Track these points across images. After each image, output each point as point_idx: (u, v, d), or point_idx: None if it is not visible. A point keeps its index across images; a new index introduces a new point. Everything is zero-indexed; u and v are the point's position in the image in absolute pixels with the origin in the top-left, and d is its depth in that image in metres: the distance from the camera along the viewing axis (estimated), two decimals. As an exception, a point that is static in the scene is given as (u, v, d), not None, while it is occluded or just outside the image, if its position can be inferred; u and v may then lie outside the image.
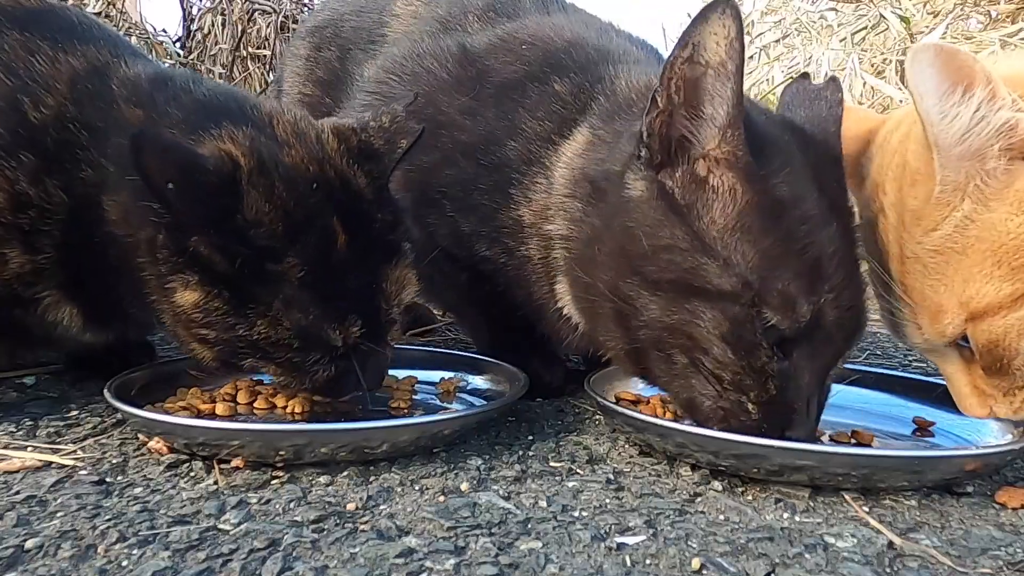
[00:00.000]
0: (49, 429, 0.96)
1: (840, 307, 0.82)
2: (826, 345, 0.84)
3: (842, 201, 0.90)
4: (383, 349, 0.95)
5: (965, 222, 0.83)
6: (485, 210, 1.10)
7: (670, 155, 0.85)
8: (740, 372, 0.82)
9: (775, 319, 0.80)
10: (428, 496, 0.79)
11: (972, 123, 0.80)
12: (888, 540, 0.72)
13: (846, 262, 0.84)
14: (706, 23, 0.78)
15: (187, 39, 3.85)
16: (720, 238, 0.82)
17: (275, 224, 0.84)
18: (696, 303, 0.82)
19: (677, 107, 0.83)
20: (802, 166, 0.86)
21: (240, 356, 0.90)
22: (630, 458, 0.93)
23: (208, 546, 0.66)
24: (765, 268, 0.80)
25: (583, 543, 0.69)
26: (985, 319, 0.83)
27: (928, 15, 2.74)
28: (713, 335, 0.82)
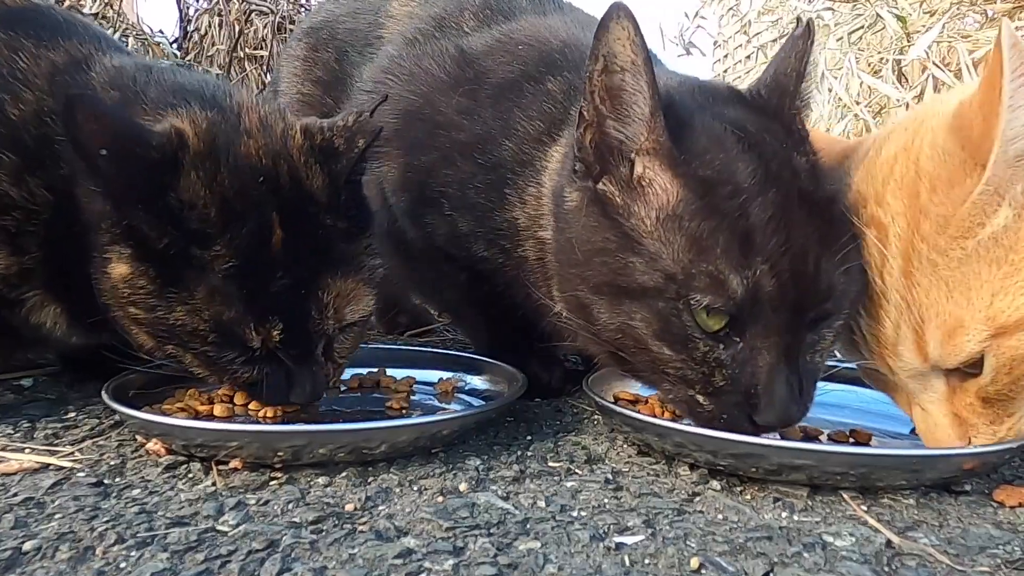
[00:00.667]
0: (47, 431, 0.96)
1: (780, 275, 0.79)
2: (777, 317, 0.80)
3: (791, 162, 0.87)
4: (309, 362, 0.91)
5: (1001, 231, 0.78)
6: (482, 209, 1.10)
7: (606, 162, 0.87)
8: (681, 366, 0.83)
9: (706, 300, 0.79)
10: (427, 497, 0.79)
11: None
12: (886, 539, 0.72)
13: (790, 226, 0.81)
14: (608, 32, 0.82)
15: (184, 40, 3.84)
16: (651, 232, 0.83)
17: (209, 209, 0.83)
18: (628, 303, 0.84)
19: (604, 117, 0.86)
20: (733, 140, 0.85)
21: (162, 340, 0.88)
22: (628, 458, 0.93)
23: (207, 547, 0.66)
24: (691, 254, 0.80)
25: (582, 543, 0.69)
26: (1014, 334, 0.78)
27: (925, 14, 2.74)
28: (647, 334, 0.83)
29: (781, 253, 0.80)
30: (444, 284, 1.29)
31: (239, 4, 3.73)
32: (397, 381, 1.18)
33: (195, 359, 0.89)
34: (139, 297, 0.85)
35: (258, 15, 3.78)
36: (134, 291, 0.86)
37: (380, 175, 1.24)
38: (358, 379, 1.18)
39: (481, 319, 1.31)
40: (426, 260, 1.27)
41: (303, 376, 0.92)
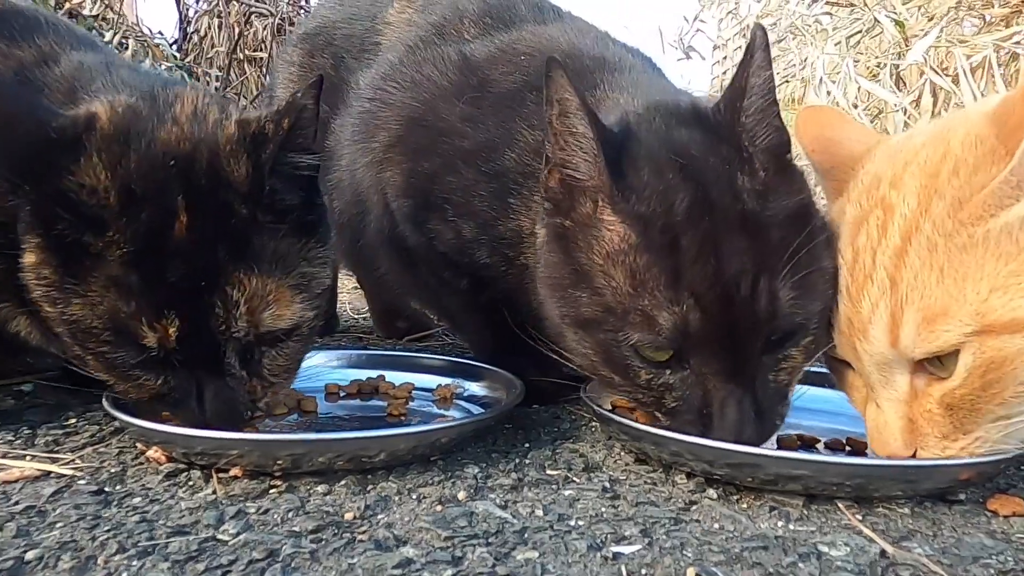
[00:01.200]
0: (47, 437, 0.97)
1: (707, 306, 0.81)
2: (719, 345, 0.82)
3: (734, 184, 0.86)
4: (217, 372, 0.85)
5: (1017, 226, 0.76)
6: (485, 217, 1.11)
7: (573, 200, 0.90)
8: (631, 389, 0.88)
9: (636, 337, 0.83)
10: (425, 505, 0.80)
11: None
12: (881, 549, 0.72)
13: (715, 257, 0.81)
14: (553, 80, 0.86)
15: (183, 41, 3.85)
16: (599, 268, 0.86)
17: (108, 193, 0.79)
18: (581, 332, 0.89)
19: (564, 157, 0.89)
20: (673, 169, 0.86)
21: (71, 341, 0.84)
22: (626, 466, 0.93)
23: (207, 557, 0.67)
24: (627, 289, 0.84)
25: (579, 553, 0.70)
26: (1000, 335, 0.75)
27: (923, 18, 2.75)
28: (597, 361, 0.89)
29: (709, 284, 0.82)
30: (445, 290, 1.29)
31: (239, 6, 3.73)
32: (396, 387, 1.18)
33: (96, 361, 0.84)
34: (44, 289, 0.82)
35: (258, 17, 3.79)
36: (40, 282, 0.82)
37: (383, 180, 1.24)
38: (357, 385, 1.19)
39: (481, 326, 1.31)
40: (427, 266, 1.28)
41: (211, 389, 0.85)
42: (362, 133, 1.26)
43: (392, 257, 1.34)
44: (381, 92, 1.27)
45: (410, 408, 1.12)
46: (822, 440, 1.02)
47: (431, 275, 1.29)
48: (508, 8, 1.32)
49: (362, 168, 1.27)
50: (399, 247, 1.29)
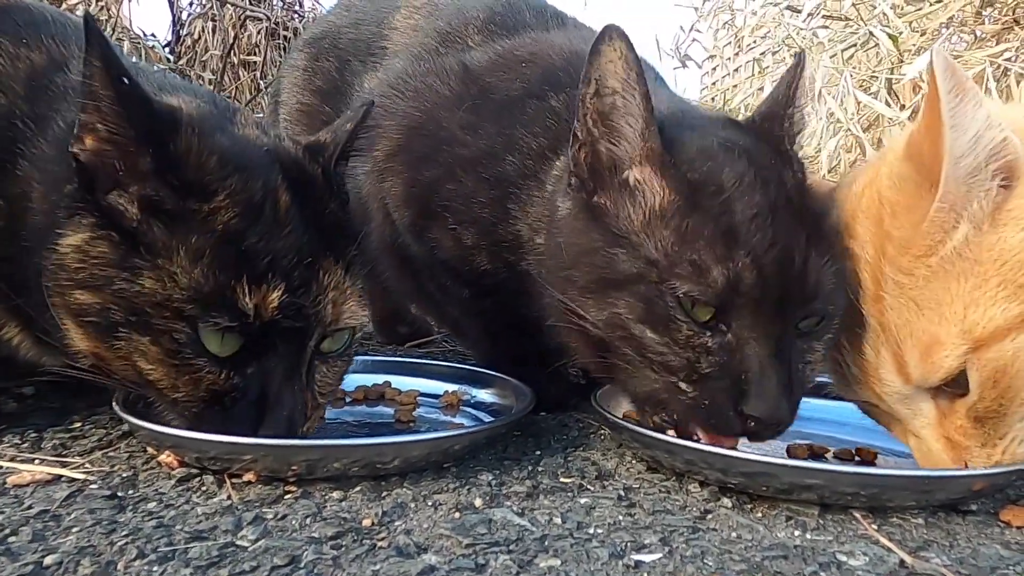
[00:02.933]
0: (55, 441, 0.96)
1: (763, 268, 0.81)
2: (764, 309, 0.82)
3: (777, 173, 0.90)
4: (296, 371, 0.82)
5: (962, 245, 0.81)
6: (485, 223, 1.11)
7: (600, 177, 0.91)
8: (665, 350, 0.84)
9: (685, 288, 0.82)
10: (443, 512, 0.79)
11: (978, 134, 0.80)
12: (899, 559, 0.73)
13: (771, 226, 0.84)
14: (600, 56, 0.86)
15: (176, 44, 3.83)
16: (637, 229, 0.86)
17: (209, 160, 0.80)
18: (614, 293, 0.86)
19: (597, 138, 0.90)
20: (724, 149, 0.89)
21: (109, 332, 0.79)
22: (639, 474, 0.93)
23: (229, 563, 0.66)
24: (674, 243, 0.84)
25: (601, 561, 0.70)
26: (992, 345, 0.79)
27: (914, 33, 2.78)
28: (631, 319, 0.85)
29: (765, 248, 0.83)
30: (447, 298, 1.29)
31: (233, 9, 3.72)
32: (402, 393, 1.18)
33: (152, 346, 0.78)
34: (93, 271, 0.78)
35: (252, 21, 3.78)
36: (86, 263, 0.78)
37: (383, 190, 1.24)
38: (363, 390, 1.18)
39: (484, 333, 1.31)
40: (428, 274, 1.27)
41: (284, 393, 0.81)
42: (363, 141, 1.25)
43: (394, 265, 1.34)
44: (385, 99, 1.27)
45: (417, 415, 1.12)
46: (831, 450, 1.03)
47: (433, 283, 1.29)
48: (513, 15, 1.32)
49: (362, 176, 1.27)
50: (401, 255, 1.29)
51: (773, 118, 0.97)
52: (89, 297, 0.78)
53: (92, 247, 0.79)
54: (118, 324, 0.78)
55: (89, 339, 0.81)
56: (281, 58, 3.66)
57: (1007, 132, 0.81)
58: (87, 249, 0.79)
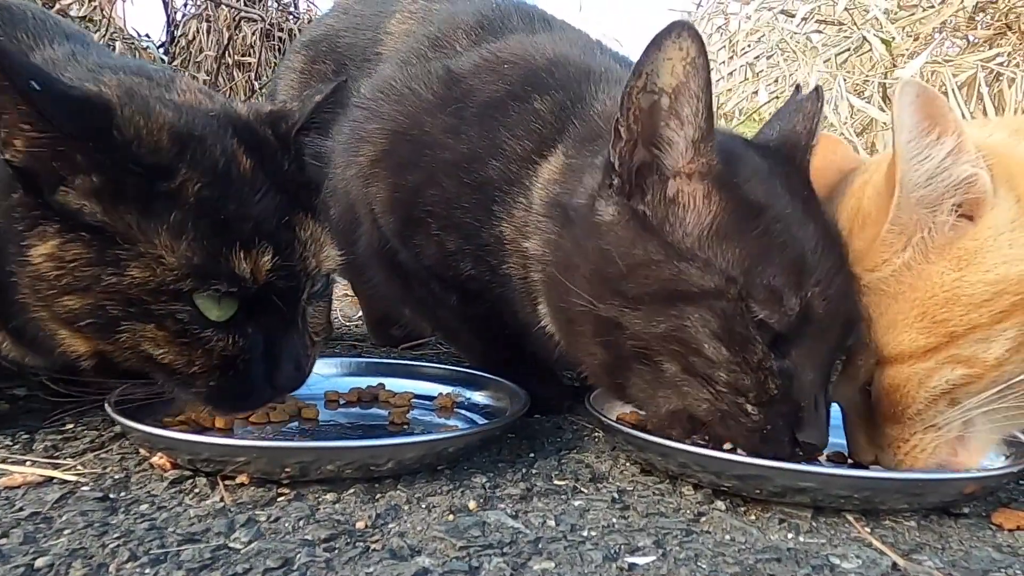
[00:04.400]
0: (46, 443, 0.95)
1: (828, 299, 0.82)
2: (823, 340, 0.83)
3: (815, 205, 0.92)
4: (295, 320, 0.85)
5: (903, 269, 0.85)
6: (469, 228, 1.10)
7: (638, 182, 0.88)
8: (736, 369, 0.82)
9: (763, 313, 0.80)
10: (436, 514, 0.79)
11: (940, 168, 0.82)
12: (892, 561, 0.73)
13: (829, 256, 0.85)
14: (660, 51, 0.81)
15: (171, 45, 3.82)
16: (698, 244, 0.84)
17: (159, 137, 0.78)
18: (682, 306, 0.82)
19: (641, 135, 0.86)
20: (771, 174, 0.89)
21: (113, 326, 0.78)
22: (632, 476, 0.93)
23: (221, 565, 0.66)
24: (748, 265, 0.82)
25: (595, 563, 0.70)
26: (893, 365, 0.85)
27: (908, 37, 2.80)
28: (703, 333, 0.82)
29: (831, 278, 0.83)
30: (436, 303, 1.29)
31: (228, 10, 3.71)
32: (396, 395, 1.17)
33: (159, 331, 0.78)
34: (73, 274, 0.76)
35: (247, 22, 3.77)
36: (64, 268, 0.77)
37: (369, 196, 1.24)
38: (357, 392, 1.18)
39: (475, 338, 1.31)
40: (418, 280, 1.27)
41: (290, 346, 0.84)
42: (351, 145, 1.25)
43: (383, 269, 1.33)
44: (372, 102, 1.27)
45: (411, 417, 1.12)
46: (824, 453, 1.03)
47: (421, 288, 1.28)
48: (501, 19, 1.32)
49: (350, 180, 1.26)
50: (390, 260, 1.28)
51: (795, 148, 0.96)
52: (78, 301, 0.77)
53: (65, 252, 0.77)
54: (118, 319, 0.77)
55: (89, 341, 0.80)
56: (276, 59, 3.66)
57: (978, 170, 0.83)
58: (61, 255, 0.77)
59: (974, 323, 0.81)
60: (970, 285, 0.81)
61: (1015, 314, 0.80)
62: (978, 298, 0.81)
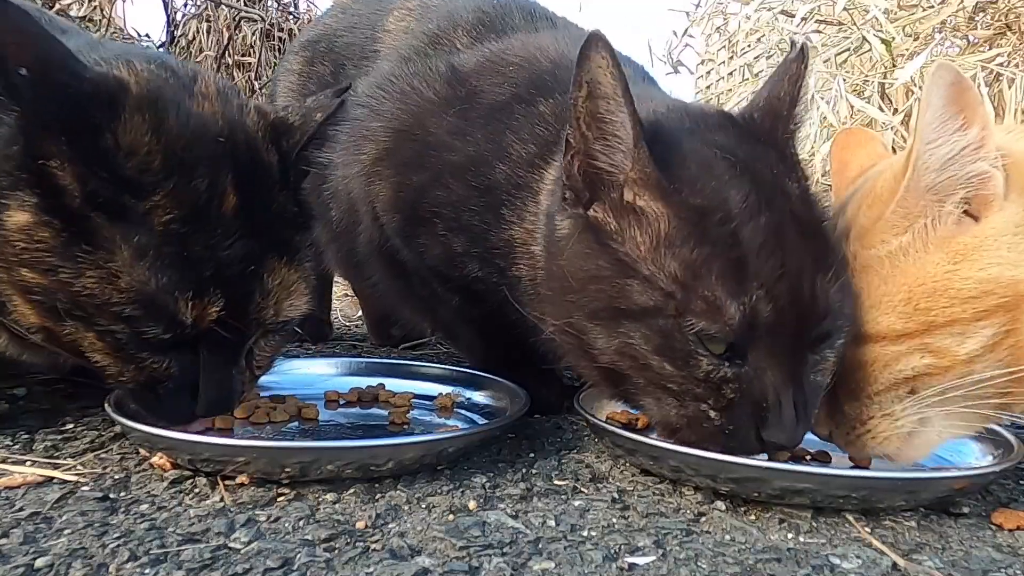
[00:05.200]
0: (46, 443, 0.95)
1: (777, 300, 0.80)
2: (780, 339, 0.81)
3: (783, 187, 0.88)
4: (233, 361, 0.85)
5: (898, 252, 0.86)
6: (476, 230, 1.10)
7: (596, 189, 0.88)
8: (684, 381, 0.83)
9: (702, 325, 0.80)
10: (436, 514, 0.79)
11: (957, 157, 0.82)
12: (892, 561, 0.73)
13: (784, 251, 0.82)
14: (589, 60, 0.82)
15: (171, 45, 3.82)
16: (645, 257, 0.83)
17: (152, 156, 0.77)
18: (627, 324, 0.84)
19: (590, 143, 0.86)
20: (725, 166, 0.86)
21: (55, 315, 0.78)
22: (632, 476, 0.93)
23: (221, 565, 0.66)
24: (686, 277, 0.81)
25: (595, 563, 0.70)
26: (866, 343, 0.86)
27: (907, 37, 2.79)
28: (647, 351, 0.83)
29: (776, 278, 0.81)
30: (437, 303, 1.29)
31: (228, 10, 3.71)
32: (396, 395, 1.17)
33: (98, 341, 0.79)
34: (37, 254, 0.75)
35: (247, 22, 3.77)
36: (30, 246, 0.75)
37: (371, 194, 1.24)
38: (357, 393, 1.18)
39: (476, 337, 1.31)
40: (419, 279, 1.27)
41: (218, 379, 0.83)
42: (353, 143, 1.25)
43: (383, 269, 1.33)
44: (371, 100, 1.27)
45: (411, 417, 1.12)
46: (811, 452, 1.03)
47: (423, 288, 1.28)
48: (502, 17, 1.32)
49: (352, 178, 1.26)
50: (390, 259, 1.28)
51: (776, 118, 0.92)
52: (36, 277, 0.77)
53: (35, 231, 0.76)
54: (65, 312, 0.77)
55: (38, 315, 0.80)
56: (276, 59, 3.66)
57: (994, 169, 0.83)
58: (31, 232, 0.76)
59: (955, 317, 0.82)
60: (960, 280, 0.82)
61: (996, 315, 0.81)
62: (965, 294, 0.82)
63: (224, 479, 0.84)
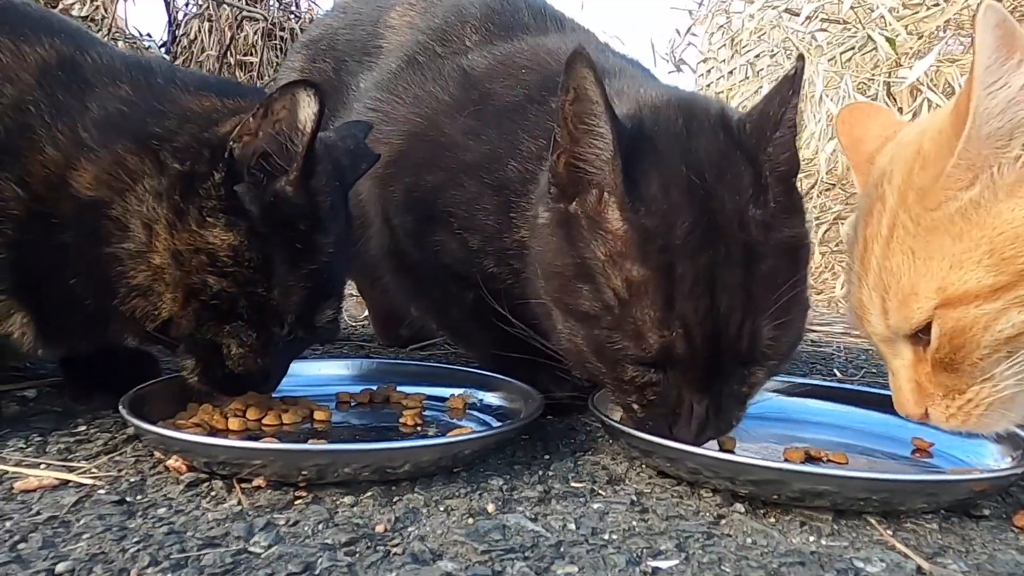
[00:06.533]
0: (59, 445, 0.94)
1: (693, 339, 0.84)
2: (693, 368, 0.86)
3: (743, 216, 0.87)
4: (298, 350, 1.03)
5: (969, 206, 0.82)
6: (490, 230, 1.11)
7: (578, 187, 0.90)
8: (614, 382, 0.91)
9: (624, 345, 0.86)
10: (455, 518, 0.79)
11: (1018, 97, 0.79)
12: (916, 565, 0.72)
13: (710, 292, 0.84)
14: (575, 70, 0.85)
15: (172, 44, 3.81)
16: (600, 264, 0.87)
17: (327, 198, 0.93)
18: (572, 322, 0.91)
19: (574, 143, 0.88)
20: (686, 190, 0.86)
21: (222, 316, 0.89)
22: (649, 479, 0.93)
23: (243, 570, 0.66)
24: (624, 297, 0.86)
25: (618, 567, 0.69)
26: (958, 307, 0.81)
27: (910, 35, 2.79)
28: (587, 351, 0.91)
29: (699, 320, 0.84)
30: (449, 303, 1.29)
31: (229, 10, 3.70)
32: (408, 397, 1.17)
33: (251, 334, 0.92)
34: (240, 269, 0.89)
35: (248, 21, 3.76)
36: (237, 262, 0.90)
37: (384, 195, 1.24)
38: (368, 394, 1.17)
39: (488, 337, 1.30)
40: (431, 279, 1.27)
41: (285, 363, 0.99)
42: None
43: (394, 270, 1.33)
44: (384, 104, 1.27)
45: (424, 418, 1.11)
46: (826, 453, 1.02)
47: (435, 288, 1.28)
48: (511, 14, 1.32)
49: (362, 180, 1.26)
50: (401, 260, 1.28)
51: (760, 136, 0.91)
52: (223, 283, 0.88)
53: (242, 252, 0.89)
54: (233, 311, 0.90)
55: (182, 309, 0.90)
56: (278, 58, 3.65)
57: None
58: (237, 252, 0.88)
59: None
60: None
61: None
62: None
63: (240, 482, 0.84)
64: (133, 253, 0.89)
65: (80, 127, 0.91)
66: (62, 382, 1.19)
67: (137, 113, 0.92)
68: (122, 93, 0.94)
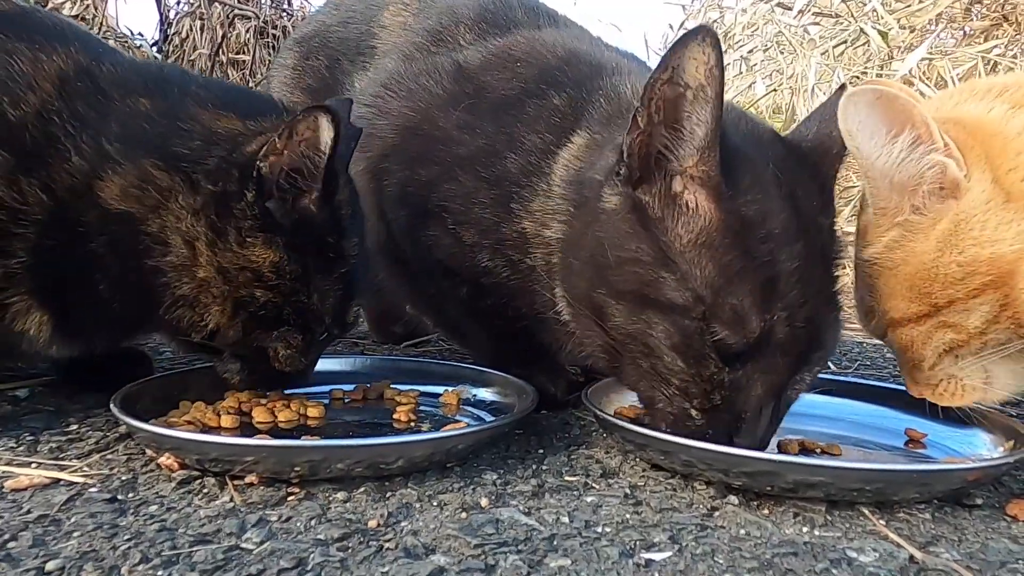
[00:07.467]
0: (51, 444, 0.94)
1: (793, 326, 0.84)
2: (780, 359, 0.85)
3: (817, 219, 0.91)
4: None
5: (892, 246, 0.91)
6: (487, 223, 1.10)
7: (648, 171, 0.88)
8: (688, 380, 0.86)
9: (724, 333, 0.83)
10: (449, 512, 0.78)
11: (902, 160, 0.87)
12: (909, 554, 0.73)
13: (808, 281, 0.85)
14: (686, 48, 0.80)
15: (164, 43, 3.80)
16: (683, 252, 0.85)
17: (348, 208, 0.99)
18: (651, 314, 0.86)
19: (657, 126, 0.85)
20: (775, 184, 0.88)
21: (269, 324, 0.94)
22: (643, 472, 0.93)
23: (235, 567, 0.65)
24: (720, 284, 0.83)
25: (611, 560, 0.69)
26: (899, 327, 0.92)
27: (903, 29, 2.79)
28: (665, 344, 0.85)
29: (799, 305, 0.84)
30: (444, 299, 1.28)
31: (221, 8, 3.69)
32: (402, 393, 1.17)
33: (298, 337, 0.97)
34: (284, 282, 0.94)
35: (240, 19, 3.75)
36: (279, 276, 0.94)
37: (378, 190, 1.23)
38: (362, 391, 1.17)
39: (483, 333, 1.30)
40: (425, 275, 1.26)
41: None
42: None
43: (388, 265, 1.33)
44: (378, 99, 1.26)
45: (419, 414, 1.11)
46: (821, 446, 1.02)
47: (429, 283, 1.28)
48: (504, 12, 1.32)
49: (356, 176, 1.25)
50: (395, 256, 1.28)
51: (825, 154, 0.96)
52: (268, 295, 0.93)
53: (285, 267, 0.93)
54: (279, 318, 0.95)
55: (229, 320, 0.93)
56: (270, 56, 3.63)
57: (945, 159, 0.86)
58: (280, 267, 0.93)
59: (952, 297, 0.86)
60: (945, 266, 0.86)
61: (987, 291, 0.84)
62: (952, 277, 0.85)
63: (233, 479, 0.83)
64: (177, 266, 0.92)
65: (104, 139, 0.92)
66: (54, 381, 1.19)
67: (160, 130, 0.93)
68: (141, 108, 0.95)
